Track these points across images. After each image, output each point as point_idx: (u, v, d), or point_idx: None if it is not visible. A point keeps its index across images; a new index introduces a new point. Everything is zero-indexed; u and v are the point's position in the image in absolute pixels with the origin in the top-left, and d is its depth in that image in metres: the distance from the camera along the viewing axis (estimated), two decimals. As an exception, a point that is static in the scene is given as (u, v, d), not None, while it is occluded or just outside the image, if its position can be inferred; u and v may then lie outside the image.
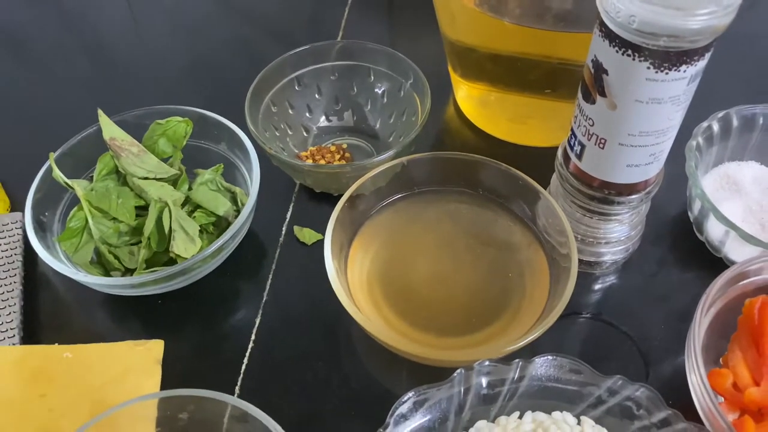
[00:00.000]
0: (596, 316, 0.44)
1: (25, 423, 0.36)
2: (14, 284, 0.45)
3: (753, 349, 0.38)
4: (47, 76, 0.63)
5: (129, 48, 0.66)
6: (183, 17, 0.69)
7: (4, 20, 0.69)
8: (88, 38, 0.67)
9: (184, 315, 0.44)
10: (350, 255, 0.44)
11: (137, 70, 0.63)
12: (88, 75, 0.63)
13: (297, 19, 0.68)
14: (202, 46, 0.65)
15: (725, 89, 0.55)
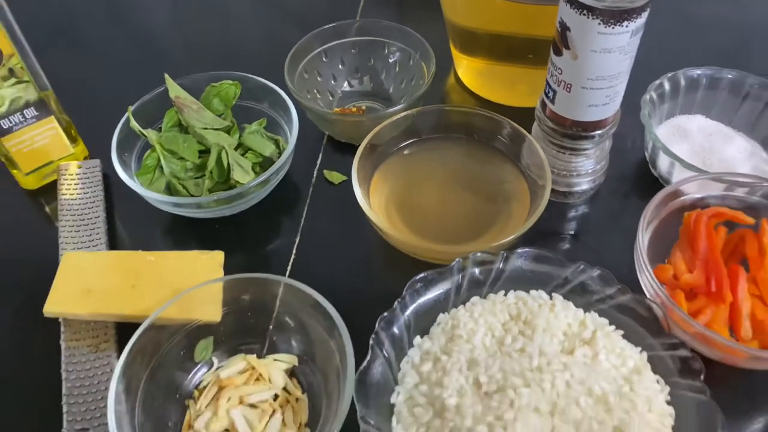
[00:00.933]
0: (570, 235, 0.54)
1: (122, 304, 0.46)
2: (99, 211, 0.55)
3: (689, 250, 0.48)
4: (114, 53, 0.74)
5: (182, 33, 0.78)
6: (215, 3, 0.81)
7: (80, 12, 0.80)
8: (142, 24, 0.79)
9: (235, 238, 0.55)
10: (371, 187, 0.54)
11: (191, 47, 0.75)
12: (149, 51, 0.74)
13: (319, 3, 0.79)
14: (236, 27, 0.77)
15: (674, 53, 0.66)
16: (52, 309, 0.46)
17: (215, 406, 0.43)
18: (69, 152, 0.59)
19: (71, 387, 0.44)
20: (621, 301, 0.44)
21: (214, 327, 0.46)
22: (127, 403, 0.41)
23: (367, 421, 0.39)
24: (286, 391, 0.45)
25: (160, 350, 0.44)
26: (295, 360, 0.46)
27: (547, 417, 0.38)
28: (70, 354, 0.46)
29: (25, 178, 0.58)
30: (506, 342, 0.42)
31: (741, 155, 0.55)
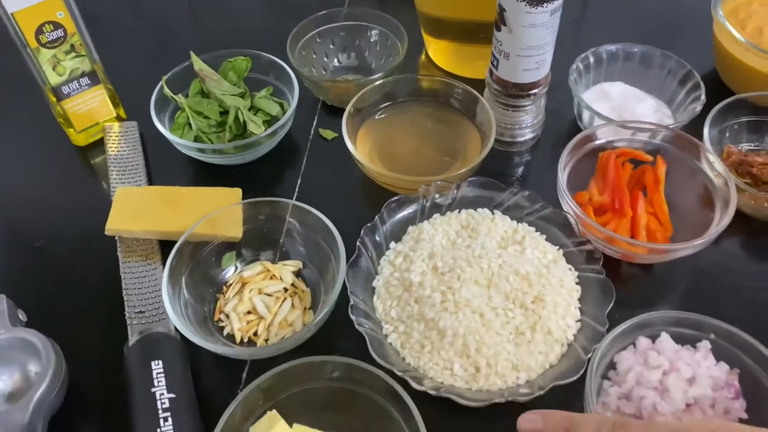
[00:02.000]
0: (515, 175, 0.69)
1: (165, 224, 0.60)
2: (140, 160, 0.69)
3: (601, 180, 0.62)
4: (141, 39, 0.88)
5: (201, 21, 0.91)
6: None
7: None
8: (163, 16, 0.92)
9: (249, 181, 0.68)
10: (357, 141, 0.68)
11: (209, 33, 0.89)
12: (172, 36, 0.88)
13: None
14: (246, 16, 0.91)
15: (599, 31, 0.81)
16: (112, 227, 0.60)
17: (240, 295, 0.57)
18: (112, 115, 0.73)
19: (128, 284, 0.58)
20: (544, 213, 0.58)
21: (236, 243, 0.60)
22: (174, 292, 0.54)
23: (356, 295, 0.53)
24: (294, 286, 0.59)
25: (196, 257, 0.58)
26: (300, 264, 0.60)
27: (484, 288, 0.52)
28: (126, 262, 0.60)
29: (77, 135, 0.72)
30: (457, 242, 0.56)
31: (649, 111, 0.69)
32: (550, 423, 0.41)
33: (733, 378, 0.48)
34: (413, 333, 0.51)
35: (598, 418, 0.40)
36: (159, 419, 0.47)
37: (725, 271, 0.61)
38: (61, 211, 0.68)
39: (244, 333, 0.55)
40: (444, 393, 0.47)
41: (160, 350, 0.51)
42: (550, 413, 0.42)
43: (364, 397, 0.49)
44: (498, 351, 0.49)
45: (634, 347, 0.50)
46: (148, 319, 0.55)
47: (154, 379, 0.49)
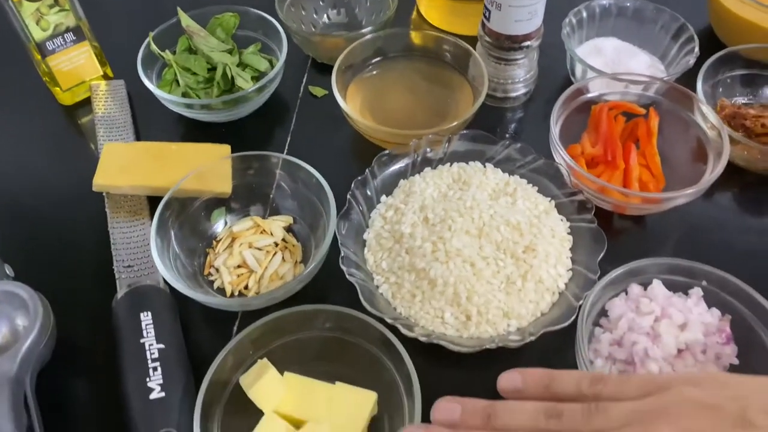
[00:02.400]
0: (508, 132, 0.68)
1: (154, 179, 0.59)
2: (127, 118, 0.68)
3: (594, 133, 0.62)
4: None
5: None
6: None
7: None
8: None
9: (238, 139, 0.67)
10: (347, 97, 0.67)
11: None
12: None
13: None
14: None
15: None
16: (100, 182, 0.59)
17: (230, 249, 0.57)
18: (99, 73, 0.71)
19: (116, 239, 0.57)
20: (536, 165, 0.58)
21: (226, 198, 0.59)
22: (163, 246, 0.54)
23: (347, 247, 0.52)
24: (284, 240, 0.58)
25: (185, 212, 0.57)
26: (290, 219, 0.59)
27: (475, 238, 0.52)
28: (114, 218, 0.59)
29: (63, 94, 0.70)
30: (448, 194, 0.56)
31: (642, 66, 0.69)
32: (529, 380, 0.40)
33: (725, 324, 0.48)
34: (404, 283, 0.51)
35: (576, 374, 0.40)
36: (148, 369, 0.47)
37: (718, 224, 0.61)
38: (49, 170, 0.67)
39: (234, 286, 0.55)
40: (435, 339, 0.47)
41: (149, 302, 0.51)
42: (530, 371, 0.41)
43: (356, 345, 0.49)
44: (489, 299, 0.49)
45: (626, 294, 0.50)
46: (137, 273, 0.55)
47: (143, 330, 0.49)
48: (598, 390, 0.38)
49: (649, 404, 0.35)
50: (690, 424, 0.32)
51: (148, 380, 0.46)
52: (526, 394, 0.40)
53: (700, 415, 0.33)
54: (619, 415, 0.35)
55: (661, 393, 0.35)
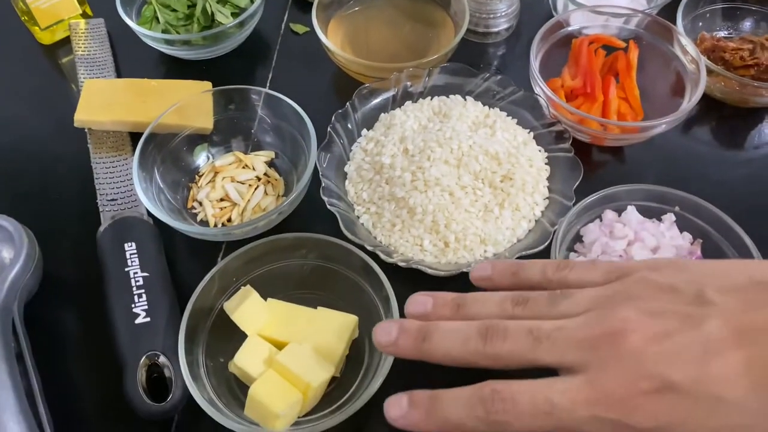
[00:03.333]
0: (490, 66, 0.68)
1: (136, 114, 0.59)
2: (108, 56, 0.68)
3: (574, 66, 0.62)
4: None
5: None
6: None
7: None
8: None
9: (220, 76, 0.67)
10: (328, 32, 0.67)
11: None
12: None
13: None
14: None
15: None
16: (81, 118, 0.59)
17: (213, 183, 0.57)
18: (78, 12, 0.71)
19: (99, 174, 0.58)
20: (515, 97, 0.58)
21: (208, 135, 0.60)
22: (146, 180, 0.54)
23: (328, 178, 0.53)
24: (266, 175, 0.59)
25: (168, 146, 0.58)
26: (272, 154, 0.60)
27: (454, 167, 0.52)
28: (96, 154, 0.59)
29: (42, 33, 0.70)
30: (429, 126, 0.56)
31: (625, 1, 0.68)
32: (498, 268, 0.41)
33: (696, 248, 0.50)
34: (384, 213, 0.52)
35: (542, 262, 0.40)
36: (133, 296, 0.48)
37: (694, 155, 0.61)
38: (30, 109, 0.67)
39: (217, 219, 0.56)
40: (413, 264, 0.48)
41: (133, 233, 0.52)
42: (499, 261, 0.43)
43: (337, 272, 0.50)
44: (466, 226, 0.50)
45: (600, 220, 0.51)
46: (121, 206, 0.55)
47: (127, 259, 0.50)
48: (563, 275, 0.38)
49: (611, 288, 0.35)
50: (650, 305, 0.33)
51: (134, 306, 0.47)
52: (495, 283, 0.41)
53: (660, 296, 0.34)
54: (582, 299, 0.35)
55: (624, 278, 0.36)
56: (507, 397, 0.33)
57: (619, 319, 0.33)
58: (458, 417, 0.34)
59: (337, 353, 0.46)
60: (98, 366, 0.49)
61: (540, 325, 0.35)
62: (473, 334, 0.36)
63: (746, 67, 0.62)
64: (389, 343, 0.38)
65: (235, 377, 0.47)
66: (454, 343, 0.36)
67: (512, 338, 0.35)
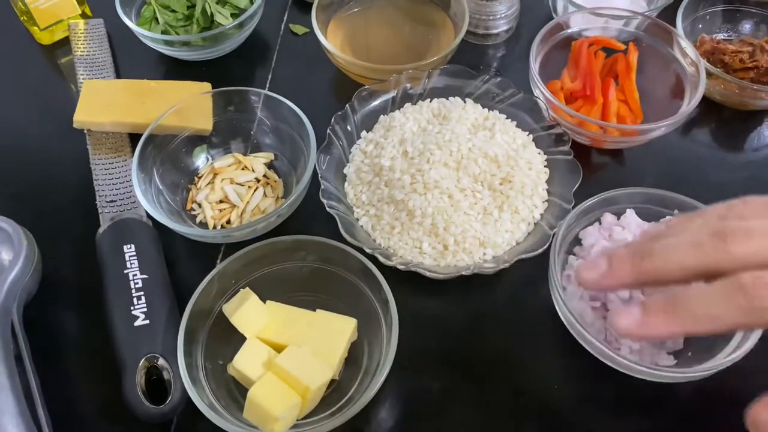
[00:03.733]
0: (489, 68, 0.68)
1: (135, 115, 0.59)
2: (107, 57, 0.68)
3: (574, 68, 0.62)
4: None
5: None
6: None
7: None
8: None
9: (218, 78, 0.67)
10: (328, 33, 0.67)
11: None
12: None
13: None
14: None
15: None
16: (80, 119, 0.59)
17: (212, 185, 0.57)
18: (77, 12, 0.71)
19: (99, 176, 0.58)
20: (515, 99, 0.58)
21: (208, 136, 0.60)
22: (145, 182, 0.54)
23: (327, 181, 0.53)
24: (266, 177, 0.59)
25: (167, 148, 0.58)
26: (271, 156, 0.60)
27: (453, 170, 0.52)
28: (96, 155, 0.59)
29: (42, 33, 0.70)
30: (428, 128, 0.56)
31: (623, 1, 0.68)
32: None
33: (695, 251, 0.50)
34: (383, 215, 0.52)
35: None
36: (132, 298, 0.48)
37: (694, 158, 0.61)
38: (30, 109, 0.67)
39: (216, 221, 0.56)
40: (412, 267, 0.48)
41: (132, 235, 0.52)
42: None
43: (336, 275, 0.50)
44: (465, 229, 0.50)
45: (599, 224, 0.51)
46: (120, 207, 0.55)
47: (126, 261, 0.50)
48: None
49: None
50: None
51: (133, 308, 0.47)
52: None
53: None
54: None
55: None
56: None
57: None
58: (712, 311, 0.31)
59: (336, 356, 0.46)
60: (97, 368, 0.49)
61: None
62: (705, 238, 0.31)
63: (746, 70, 0.62)
64: (601, 275, 0.34)
65: (234, 380, 0.47)
66: (685, 250, 0.32)
67: (759, 234, 0.30)
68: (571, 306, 0.47)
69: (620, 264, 0.34)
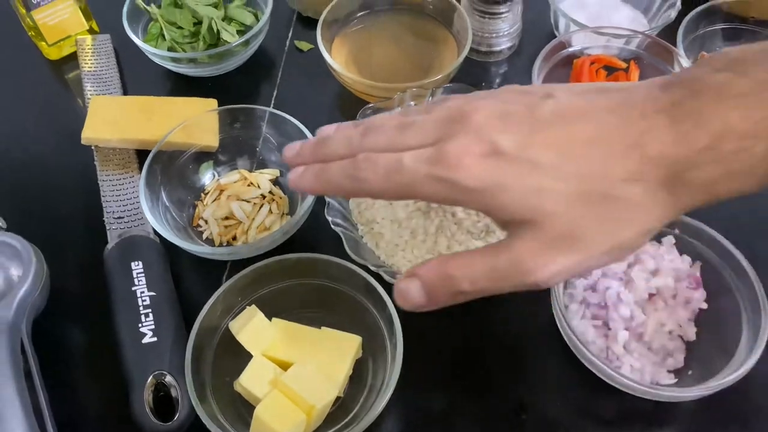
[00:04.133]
0: (492, 85, 0.69)
1: (142, 132, 0.60)
2: (114, 73, 0.69)
3: (575, 87, 0.63)
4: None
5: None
6: None
7: None
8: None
9: (225, 93, 0.68)
10: (333, 50, 0.68)
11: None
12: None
13: None
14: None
15: None
16: (88, 136, 0.60)
17: (218, 201, 0.58)
18: (84, 27, 0.71)
19: (106, 192, 0.59)
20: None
21: (214, 152, 0.60)
22: (152, 199, 0.55)
23: (332, 197, 0.54)
24: (271, 193, 0.59)
25: (174, 164, 0.58)
26: (277, 172, 0.61)
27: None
28: (103, 171, 0.60)
29: (49, 48, 0.71)
30: (432, 146, 0.57)
31: (625, 20, 0.69)
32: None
33: (695, 270, 0.50)
34: (387, 233, 0.53)
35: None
36: (140, 315, 0.49)
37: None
38: (37, 124, 0.67)
39: (222, 237, 0.56)
40: (416, 286, 0.49)
41: (140, 251, 0.52)
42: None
43: (340, 292, 0.50)
44: (468, 247, 0.51)
45: (601, 242, 0.51)
46: (127, 224, 0.56)
47: (134, 278, 0.51)
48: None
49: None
50: (504, 97, 0.37)
51: (140, 326, 0.48)
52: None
53: (514, 96, 0.37)
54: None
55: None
56: (372, 158, 0.37)
57: (474, 104, 0.36)
58: (335, 177, 0.39)
59: (341, 374, 0.47)
60: (105, 384, 0.49)
61: (408, 119, 0.38)
62: (354, 134, 0.40)
63: (745, 88, 0.62)
64: (293, 154, 0.43)
65: (240, 396, 0.47)
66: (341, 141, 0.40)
67: (385, 132, 0.39)
68: (572, 324, 0.48)
69: (306, 148, 0.42)
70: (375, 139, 0.39)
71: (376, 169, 0.37)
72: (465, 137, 0.35)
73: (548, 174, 0.34)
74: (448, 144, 0.35)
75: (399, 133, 0.38)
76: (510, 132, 0.35)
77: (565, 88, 0.37)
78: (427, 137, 0.37)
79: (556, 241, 0.34)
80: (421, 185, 0.36)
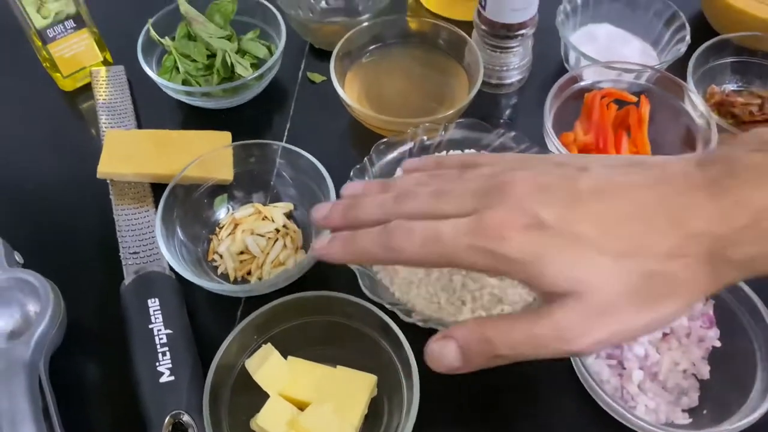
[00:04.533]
0: (502, 118, 0.70)
1: (157, 166, 0.61)
2: (128, 104, 0.69)
3: (587, 121, 0.63)
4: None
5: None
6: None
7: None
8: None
9: (238, 125, 0.69)
10: (345, 84, 0.68)
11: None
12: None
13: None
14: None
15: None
16: (104, 170, 0.60)
17: (233, 236, 0.59)
18: (99, 59, 0.72)
19: (122, 226, 0.59)
20: (530, 152, 0.59)
21: (228, 186, 0.61)
22: (167, 233, 0.55)
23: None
24: (285, 227, 0.60)
25: (189, 199, 0.59)
26: (291, 206, 0.61)
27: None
28: (119, 205, 0.61)
29: (64, 80, 0.71)
30: (445, 182, 0.57)
31: (635, 53, 0.70)
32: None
33: (708, 309, 0.51)
34: (402, 270, 0.53)
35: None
36: (158, 354, 0.49)
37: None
38: (52, 156, 0.68)
39: (237, 272, 0.57)
40: (432, 324, 0.49)
41: (156, 288, 0.53)
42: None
43: (356, 330, 0.51)
44: (482, 285, 0.51)
45: (615, 280, 0.52)
46: (143, 259, 0.56)
47: (151, 316, 0.51)
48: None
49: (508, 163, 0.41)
50: (540, 169, 0.38)
51: (158, 365, 0.48)
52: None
53: (551, 168, 0.38)
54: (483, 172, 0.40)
55: None
56: (406, 226, 0.37)
57: (511, 175, 0.37)
58: (367, 246, 0.39)
59: (357, 413, 0.47)
60: (123, 422, 0.50)
61: (443, 186, 0.39)
62: (387, 199, 0.41)
63: (755, 123, 0.63)
64: (322, 216, 0.44)
65: (257, 436, 0.48)
66: (374, 209, 0.41)
67: (420, 198, 0.39)
68: (587, 364, 0.48)
69: (335, 211, 0.43)
70: (410, 206, 0.39)
71: (411, 238, 0.37)
72: (506, 208, 0.35)
73: (591, 247, 0.34)
74: (489, 214, 0.35)
75: (435, 200, 0.38)
76: (551, 205, 0.35)
77: (598, 161, 0.38)
78: (465, 206, 0.37)
79: (597, 312, 0.34)
80: (462, 255, 0.36)
